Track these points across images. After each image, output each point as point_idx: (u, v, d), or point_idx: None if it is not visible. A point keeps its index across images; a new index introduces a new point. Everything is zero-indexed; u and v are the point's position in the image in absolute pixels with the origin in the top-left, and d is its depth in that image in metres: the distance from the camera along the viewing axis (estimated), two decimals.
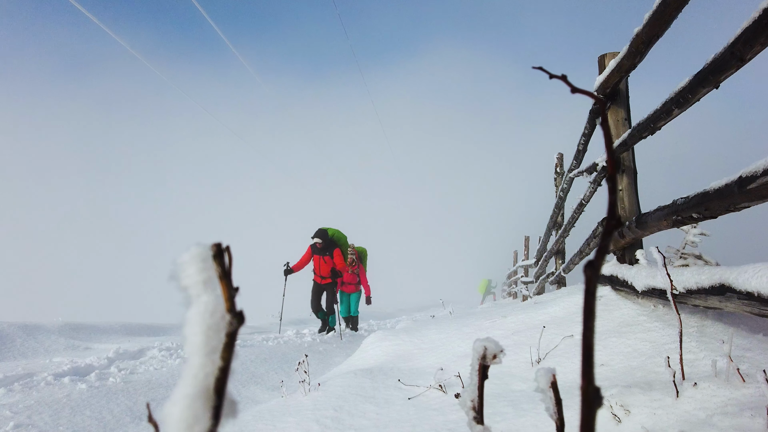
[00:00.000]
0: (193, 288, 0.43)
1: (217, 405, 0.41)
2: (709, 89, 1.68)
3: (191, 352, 0.42)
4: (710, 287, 1.66)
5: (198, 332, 0.42)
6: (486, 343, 0.62)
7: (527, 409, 1.73)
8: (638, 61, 2.02)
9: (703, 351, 1.77)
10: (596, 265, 0.39)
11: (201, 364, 0.42)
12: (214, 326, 0.43)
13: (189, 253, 0.44)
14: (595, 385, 0.41)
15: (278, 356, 4.53)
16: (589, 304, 0.40)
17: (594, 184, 2.86)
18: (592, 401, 0.40)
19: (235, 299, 0.44)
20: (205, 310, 0.43)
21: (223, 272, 0.43)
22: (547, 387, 0.64)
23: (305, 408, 2.15)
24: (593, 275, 0.40)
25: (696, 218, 1.77)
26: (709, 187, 1.63)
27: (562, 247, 5.02)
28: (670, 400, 1.55)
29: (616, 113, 2.54)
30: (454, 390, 2.04)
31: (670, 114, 1.83)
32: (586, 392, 0.40)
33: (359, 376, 2.43)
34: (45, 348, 4.59)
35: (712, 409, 1.47)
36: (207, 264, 0.44)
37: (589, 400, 0.40)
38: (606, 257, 0.36)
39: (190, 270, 0.43)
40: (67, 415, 2.69)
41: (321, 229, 7.25)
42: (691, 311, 2.05)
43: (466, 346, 2.60)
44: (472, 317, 3.37)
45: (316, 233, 7.17)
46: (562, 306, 2.62)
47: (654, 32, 1.83)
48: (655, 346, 1.92)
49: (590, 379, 0.40)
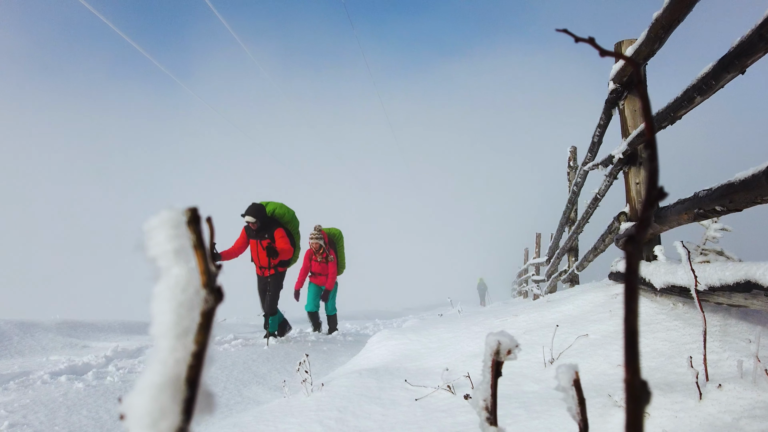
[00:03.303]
0: (163, 258, 0.36)
1: (188, 397, 0.34)
2: (734, 75, 1.60)
3: (159, 334, 0.35)
4: (735, 284, 1.58)
5: (167, 310, 0.35)
6: (500, 338, 0.55)
7: (540, 411, 1.65)
8: (657, 47, 1.94)
9: (727, 351, 1.68)
10: (638, 240, 0.33)
11: (170, 348, 0.35)
12: (187, 303, 0.35)
13: (158, 217, 0.37)
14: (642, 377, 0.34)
15: (281, 355, 4.48)
16: (632, 283, 0.33)
17: (610, 177, 2.78)
18: (639, 396, 0.34)
19: (215, 273, 0.37)
20: (176, 284, 0.36)
21: (198, 241, 0.36)
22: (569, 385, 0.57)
23: (308, 409, 2.09)
24: (635, 251, 0.33)
25: (720, 211, 1.69)
26: (734, 178, 1.55)
27: (575, 244, 4.92)
28: (692, 402, 1.47)
29: (633, 103, 2.45)
30: (463, 391, 1.97)
31: (692, 102, 1.75)
32: (632, 386, 0.34)
33: (364, 376, 2.36)
34: (42, 346, 4.57)
35: (738, 412, 1.39)
36: (179, 231, 0.37)
37: (635, 395, 0.34)
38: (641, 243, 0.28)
39: (158, 237, 0.36)
40: (63, 415, 2.65)
41: (254, 204, 5.40)
42: (713, 309, 1.96)
43: (475, 346, 2.52)
44: (482, 316, 3.29)
45: (248, 209, 5.34)
46: (576, 304, 2.53)
47: (675, 16, 1.75)
48: (676, 346, 1.83)
49: (635, 371, 0.33)
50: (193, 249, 0.36)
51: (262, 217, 5.33)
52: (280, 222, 5.60)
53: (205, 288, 0.35)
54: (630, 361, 0.33)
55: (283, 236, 5.40)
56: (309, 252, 6.42)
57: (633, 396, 0.33)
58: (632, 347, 0.33)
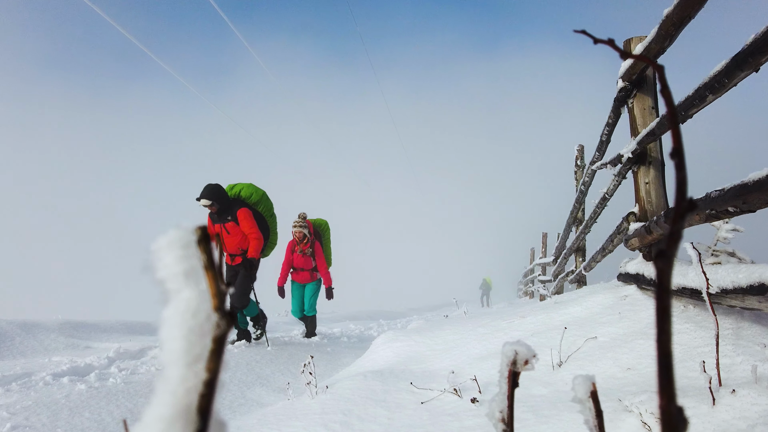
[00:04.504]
0: (172, 281, 0.34)
1: (200, 429, 0.32)
2: (748, 73, 1.57)
3: (169, 362, 0.33)
4: (748, 286, 1.55)
5: (177, 336, 0.33)
6: (517, 347, 0.53)
7: (549, 416, 1.63)
8: (667, 45, 1.90)
9: (740, 355, 1.66)
10: (669, 255, 0.30)
11: (181, 377, 0.33)
12: (198, 329, 0.33)
13: (166, 237, 0.35)
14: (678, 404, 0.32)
15: (285, 356, 4.46)
16: (664, 302, 0.31)
17: (618, 177, 2.74)
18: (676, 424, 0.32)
19: (226, 296, 0.34)
20: (186, 308, 0.33)
21: (209, 261, 0.34)
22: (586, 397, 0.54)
23: (312, 412, 2.07)
24: (666, 267, 0.31)
25: (732, 212, 1.66)
26: (748, 178, 1.52)
27: (582, 244, 4.88)
28: (705, 408, 1.44)
29: (642, 101, 2.42)
30: (470, 394, 1.94)
31: (704, 100, 1.72)
32: (667, 413, 0.32)
33: (369, 378, 2.35)
34: (44, 347, 4.56)
35: (753, 418, 1.36)
36: (189, 251, 0.34)
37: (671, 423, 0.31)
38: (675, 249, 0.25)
39: (167, 259, 0.34)
40: (65, 417, 2.65)
41: (208, 185, 4.72)
42: (725, 312, 1.93)
43: (482, 348, 2.50)
44: (488, 317, 3.27)
45: (201, 192, 4.69)
46: (585, 306, 2.50)
47: (686, 13, 1.72)
48: (687, 350, 1.80)
49: (671, 396, 0.31)
50: (204, 270, 0.34)
51: (219, 199, 4.69)
52: (244, 202, 4.96)
53: (217, 312, 0.33)
54: (664, 386, 0.31)
55: (247, 217, 4.75)
56: (291, 243, 5.72)
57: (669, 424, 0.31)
58: (666, 371, 0.31)
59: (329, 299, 5.83)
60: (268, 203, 5.19)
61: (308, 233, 5.61)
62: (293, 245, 5.71)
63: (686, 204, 0.31)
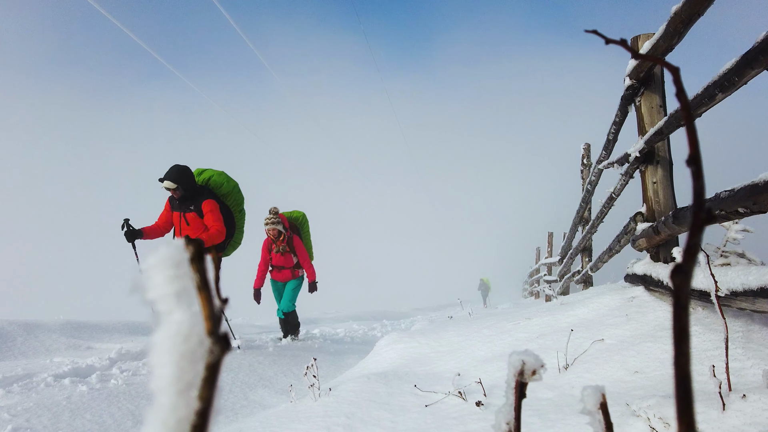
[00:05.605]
0: (162, 303, 0.32)
1: None
2: (758, 71, 1.53)
3: (159, 390, 0.31)
4: (759, 289, 1.52)
5: (168, 363, 0.31)
6: (524, 357, 0.51)
7: (555, 420, 1.61)
8: (676, 42, 1.87)
9: (750, 359, 1.63)
10: (687, 271, 0.29)
11: (172, 406, 0.30)
12: (190, 355, 0.31)
13: (156, 255, 0.32)
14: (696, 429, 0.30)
15: (288, 357, 4.45)
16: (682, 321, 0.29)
17: (625, 176, 2.71)
18: None
19: (221, 318, 0.32)
20: (178, 332, 0.31)
21: (202, 281, 0.32)
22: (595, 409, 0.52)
23: (315, 414, 2.05)
24: (684, 284, 0.29)
25: (743, 213, 1.63)
26: (759, 178, 1.49)
27: (589, 244, 4.84)
28: (715, 413, 1.41)
29: (650, 99, 2.38)
30: (475, 397, 1.92)
31: (713, 99, 1.68)
32: None
33: (372, 380, 2.33)
34: (46, 347, 4.55)
35: (765, 424, 1.33)
36: (181, 271, 0.32)
37: None
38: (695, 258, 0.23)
39: (157, 279, 0.32)
40: (66, 419, 2.64)
41: (175, 166, 4.27)
42: (735, 315, 1.90)
43: (486, 350, 2.48)
44: (493, 318, 3.24)
45: (167, 172, 4.24)
46: (592, 307, 2.47)
47: (695, 10, 1.68)
48: (695, 353, 1.78)
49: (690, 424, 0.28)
50: (197, 290, 0.32)
51: (185, 184, 4.18)
52: (212, 193, 4.41)
53: (210, 336, 0.31)
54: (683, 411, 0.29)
55: (212, 210, 4.20)
56: (267, 241, 5.30)
57: None
58: (685, 395, 0.28)
59: (312, 292, 5.48)
60: (239, 197, 4.71)
61: (283, 229, 5.20)
62: (269, 244, 5.31)
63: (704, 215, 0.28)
